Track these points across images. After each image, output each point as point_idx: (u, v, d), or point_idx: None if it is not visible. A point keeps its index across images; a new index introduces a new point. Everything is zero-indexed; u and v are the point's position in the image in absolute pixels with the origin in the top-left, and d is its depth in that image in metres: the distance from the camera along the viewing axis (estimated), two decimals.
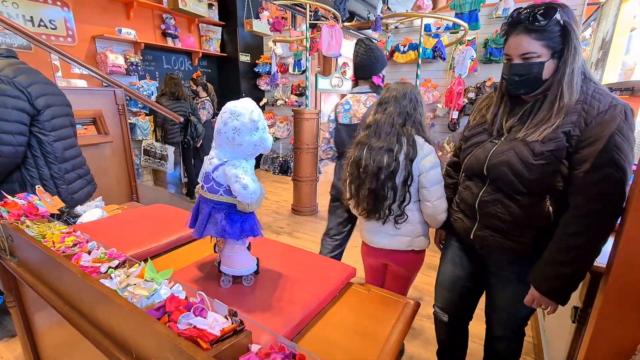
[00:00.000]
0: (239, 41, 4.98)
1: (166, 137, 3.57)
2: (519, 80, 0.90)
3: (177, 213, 1.25)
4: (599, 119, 0.82)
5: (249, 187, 0.67)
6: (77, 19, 3.46)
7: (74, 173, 1.56)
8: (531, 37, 0.85)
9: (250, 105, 0.69)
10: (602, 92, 0.85)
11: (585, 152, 0.83)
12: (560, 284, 0.88)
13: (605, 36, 3.41)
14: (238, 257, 0.75)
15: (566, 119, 0.86)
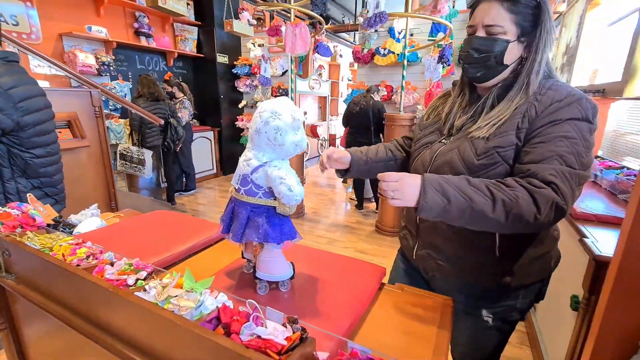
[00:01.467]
0: (216, 42, 4.86)
1: (144, 140, 3.39)
2: (478, 58, 0.77)
3: (181, 219, 1.18)
4: (552, 108, 0.71)
5: (295, 189, 0.64)
6: (42, 15, 3.21)
7: (41, 191, 1.47)
8: (503, 6, 0.74)
9: (291, 104, 0.66)
10: (561, 84, 0.75)
11: (531, 144, 0.71)
12: (430, 207, 0.66)
13: (569, 42, 3.68)
14: (276, 262, 0.72)
15: (516, 110, 0.75)
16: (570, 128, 0.68)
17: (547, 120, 0.70)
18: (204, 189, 4.62)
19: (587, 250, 1.11)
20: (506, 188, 0.66)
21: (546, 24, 0.75)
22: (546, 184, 0.65)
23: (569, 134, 0.68)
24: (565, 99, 0.71)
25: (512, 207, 0.64)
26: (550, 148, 0.68)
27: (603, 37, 2.72)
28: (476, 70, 0.80)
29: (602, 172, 1.76)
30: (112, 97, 2.68)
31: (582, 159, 0.67)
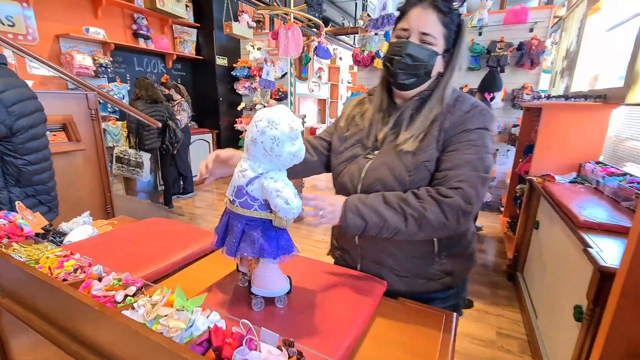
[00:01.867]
0: (216, 44, 4.83)
1: (141, 143, 3.36)
2: (412, 65, 0.77)
3: (176, 227, 1.15)
4: (461, 119, 0.77)
5: (292, 202, 0.61)
6: (39, 16, 3.18)
7: (35, 199, 1.43)
8: (438, 17, 0.76)
9: (289, 113, 0.63)
10: (464, 95, 0.83)
11: (446, 153, 0.77)
12: (351, 228, 0.75)
13: (569, 47, 3.67)
14: (272, 277, 0.68)
15: (433, 123, 0.80)
16: (476, 136, 0.77)
17: (457, 130, 0.78)
18: (202, 192, 4.59)
19: (591, 261, 1.08)
20: (416, 203, 0.73)
21: (463, 44, 0.81)
22: (456, 189, 0.73)
23: (476, 142, 0.76)
24: (471, 110, 0.78)
25: (422, 219, 0.72)
26: (461, 155, 0.76)
27: (604, 42, 2.71)
28: (407, 77, 0.80)
29: (604, 178, 1.74)
30: (108, 99, 2.65)
31: (485, 163, 0.76)
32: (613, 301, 0.94)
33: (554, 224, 1.76)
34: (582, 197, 1.68)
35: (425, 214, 0.72)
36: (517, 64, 3.56)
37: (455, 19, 0.78)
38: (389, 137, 0.84)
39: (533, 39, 3.42)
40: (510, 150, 3.76)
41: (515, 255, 2.40)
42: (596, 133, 2.12)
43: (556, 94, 4.01)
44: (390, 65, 0.80)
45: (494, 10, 3.79)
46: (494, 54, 3.56)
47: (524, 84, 3.61)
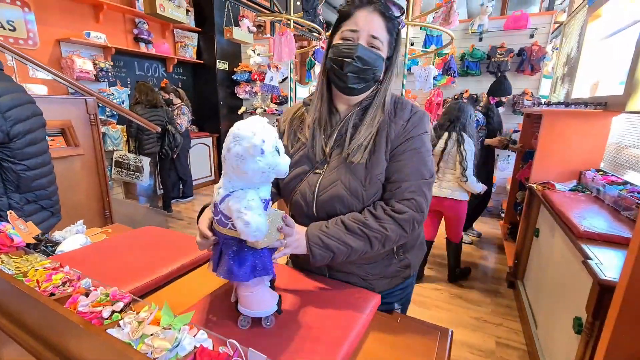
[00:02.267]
0: (217, 48, 4.85)
1: (141, 147, 3.36)
2: (363, 69, 0.76)
3: (171, 236, 1.14)
4: (404, 127, 0.80)
5: (251, 224, 0.56)
6: (40, 20, 3.20)
7: (37, 204, 1.42)
8: (383, 22, 0.77)
9: (253, 127, 0.57)
10: (402, 100, 0.85)
11: (394, 161, 0.80)
12: (320, 261, 0.75)
13: (569, 53, 3.66)
14: (256, 297, 0.66)
15: (379, 132, 0.80)
16: (419, 143, 0.80)
17: (402, 139, 0.80)
18: (201, 196, 4.58)
19: (591, 273, 1.06)
20: (376, 224, 0.76)
21: (400, 52, 0.84)
22: (409, 200, 0.77)
23: (419, 149, 0.80)
24: (411, 117, 0.81)
25: (385, 239, 0.76)
26: (408, 164, 0.79)
27: (604, 48, 2.70)
28: (357, 82, 0.78)
29: (605, 187, 1.72)
30: (107, 104, 2.65)
31: (428, 166, 0.81)
32: (612, 315, 0.92)
33: (554, 233, 1.74)
34: (583, 206, 1.66)
35: (387, 234, 0.76)
36: (517, 70, 3.55)
37: (396, 26, 0.79)
38: (336, 149, 0.83)
39: (533, 45, 3.42)
40: (510, 156, 3.75)
41: (515, 262, 2.38)
42: (597, 140, 2.10)
43: (557, 99, 4.00)
44: (339, 68, 0.77)
45: (494, 16, 3.80)
46: (495, 60, 3.55)
47: (525, 90, 3.60)
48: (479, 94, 3.81)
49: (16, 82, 1.35)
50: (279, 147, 0.60)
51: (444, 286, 2.43)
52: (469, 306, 2.21)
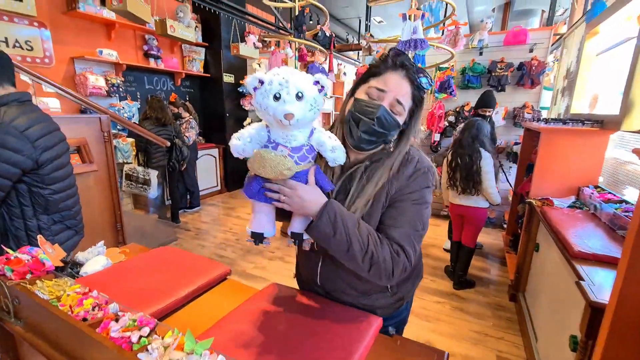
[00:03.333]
0: (223, 62, 4.98)
1: (149, 161, 3.46)
2: (378, 132, 0.78)
3: (184, 257, 1.21)
4: (406, 183, 0.82)
5: (230, 143, 0.81)
6: (56, 40, 3.34)
7: (62, 224, 1.50)
8: (410, 88, 0.79)
9: (277, 70, 0.72)
10: (408, 157, 0.84)
11: (391, 208, 0.82)
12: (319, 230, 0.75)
13: (569, 66, 3.73)
14: (254, 218, 0.83)
15: (381, 190, 0.83)
16: (418, 196, 0.82)
17: (401, 193, 0.82)
18: (208, 206, 4.67)
19: (583, 295, 1.11)
20: (379, 247, 0.77)
21: (419, 119, 0.85)
22: (401, 247, 0.78)
23: (417, 201, 0.82)
24: (414, 173, 0.83)
25: (376, 264, 0.76)
26: (403, 214, 0.81)
27: (602, 63, 2.76)
28: (368, 143, 0.80)
29: (601, 205, 1.77)
30: (120, 121, 2.76)
31: (423, 219, 0.83)
32: (603, 336, 0.97)
33: (551, 249, 1.79)
34: (579, 224, 1.71)
35: (379, 261, 0.76)
36: (517, 84, 3.62)
37: (421, 95, 0.82)
38: (338, 195, 0.86)
39: (533, 59, 3.48)
40: (512, 167, 3.79)
41: (516, 275, 2.42)
42: (594, 157, 2.15)
43: (557, 112, 4.05)
44: (355, 124, 0.79)
45: (494, 32, 3.88)
46: (495, 74, 3.63)
47: (525, 103, 3.66)
48: None
49: (42, 111, 1.44)
50: (285, 95, 0.69)
51: (445, 299, 2.47)
52: (470, 319, 2.25)
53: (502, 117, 3.68)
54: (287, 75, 0.70)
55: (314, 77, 0.72)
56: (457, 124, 3.98)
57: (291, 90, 0.69)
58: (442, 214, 4.28)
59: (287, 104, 0.69)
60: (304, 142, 0.76)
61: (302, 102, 0.70)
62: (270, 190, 0.78)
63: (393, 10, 7.33)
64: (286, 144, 0.75)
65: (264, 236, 0.82)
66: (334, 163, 0.82)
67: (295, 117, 0.69)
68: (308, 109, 0.71)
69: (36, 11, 3.11)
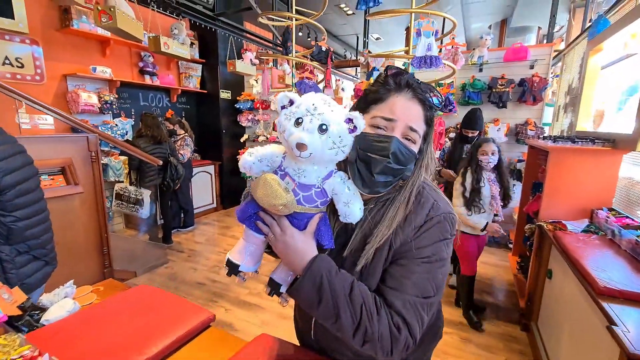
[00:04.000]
0: (220, 78, 4.93)
1: (142, 179, 3.34)
2: (394, 170, 0.63)
3: (163, 299, 1.07)
4: (413, 235, 0.67)
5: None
6: (48, 57, 3.27)
7: (29, 255, 1.36)
8: (422, 110, 0.67)
9: (310, 95, 0.64)
10: (424, 195, 0.69)
11: (393, 266, 0.67)
12: (301, 295, 0.65)
13: (571, 82, 3.68)
14: (238, 245, 0.73)
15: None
16: (430, 252, 0.66)
17: (408, 247, 0.67)
18: (202, 225, 4.52)
19: (618, 343, 0.98)
20: (375, 321, 0.61)
21: (432, 143, 0.72)
22: (403, 320, 0.62)
23: (428, 259, 0.66)
24: (425, 223, 0.67)
25: (370, 340, 0.61)
26: (409, 275, 0.65)
27: (607, 79, 2.69)
28: (385, 185, 0.65)
29: (620, 231, 1.65)
30: (110, 140, 2.65)
31: (436, 281, 0.66)
32: None
33: (567, 278, 1.65)
34: (598, 252, 1.59)
35: (374, 337, 0.61)
36: (519, 100, 3.56)
37: (433, 116, 0.69)
38: (337, 239, 0.72)
39: (534, 76, 3.43)
40: (516, 185, 3.68)
41: (528, 304, 2.27)
42: (607, 178, 2.04)
43: (560, 128, 3.98)
44: (365, 165, 0.64)
45: (494, 48, 3.85)
46: (496, 90, 3.57)
47: (527, 120, 3.59)
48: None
49: (7, 133, 1.33)
50: (307, 123, 0.60)
51: (453, 329, 2.31)
52: (480, 352, 2.08)
53: (504, 134, 3.60)
54: (319, 103, 0.61)
55: (349, 114, 0.62)
56: None
57: (315, 119, 0.60)
58: None
59: (305, 132, 0.59)
60: (315, 182, 0.65)
61: (324, 136, 0.60)
62: (263, 221, 0.67)
63: (391, 28, 7.40)
64: (294, 178, 0.65)
65: (239, 269, 0.70)
66: (345, 219, 0.67)
67: (308, 150, 0.59)
68: (328, 146, 0.61)
69: (28, 29, 3.05)
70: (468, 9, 6.23)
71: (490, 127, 3.64)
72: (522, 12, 6.04)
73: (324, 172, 0.66)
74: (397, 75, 0.67)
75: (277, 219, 0.65)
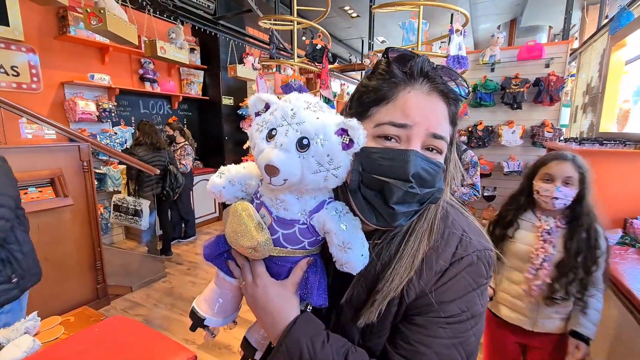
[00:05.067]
0: (222, 84, 4.84)
1: (141, 189, 3.22)
2: (421, 196, 0.45)
3: (138, 333, 0.92)
4: (434, 285, 0.48)
5: None
6: (45, 64, 3.19)
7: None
8: (446, 108, 0.48)
9: (289, 97, 0.48)
10: (450, 227, 0.51)
11: (406, 326, 0.49)
12: None
13: (589, 81, 3.48)
14: None
15: None
16: (458, 308, 0.48)
17: (427, 301, 0.48)
18: (204, 235, 4.38)
19: None
20: None
21: (454, 146, 0.52)
22: None
23: (456, 317, 0.48)
24: (452, 266, 0.48)
25: None
26: (429, 343, 0.47)
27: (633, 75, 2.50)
28: (408, 216, 0.46)
29: None
30: (104, 150, 2.54)
31: (466, 347, 0.48)
32: None
33: (607, 299, 1.46)
34: (638, 267, 1.40)
35: None
36: (535, 101, 3.36)
37: (457, 111, 0.50)
38: (334, 284, 0.55)
39: (550, 74, 3.24)
40: None
41: None
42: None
43: (578, 130, 3.77)
44: (376, 196, 0.45)
45: (506, 47, 3.67)
46: (509, 91, 3.38)
47: (544, 121, 3.39)
48: (494, 125, 3.62)
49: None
50: (281, 136, 0.43)
51: None
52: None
53: (519, 136, 3.41)
54: (299, 107, 0.44)
55: (343, 123, 0.44)
56: (470, 144, 3.71)
57: (292, 130, 0.42)
58: None
59: (276, 149, 0.42)
60: (299, 217, 0.48)
61: (305, 154, 0.43)
62: (234, 262, 0.52)
63: (396, 30, 7.26)
64: (272, 210, 0.48)
65: (204, 323, 0.55)
66: (341, 268, 0.48)
67: (280, 176, 0.42)
68: (312, 170, 0.43)
69: (24, 36, 2.98)
70: (476, 8, 6.07)
71: (505, 129, 3.45)
72: (532, 11, 5.85)
73: (312, 204, 0.48)
74: (406, 60, 0.47)
75: (251, 262, 0.50)
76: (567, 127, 4.14)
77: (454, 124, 0.50)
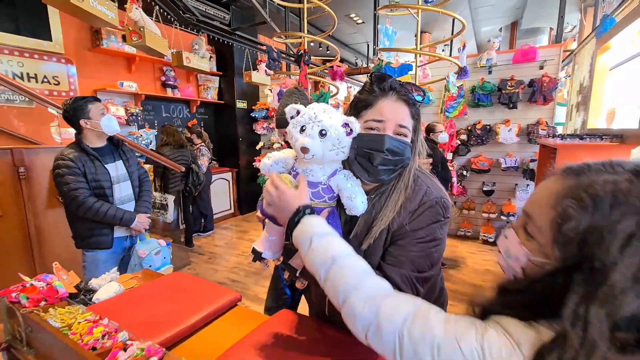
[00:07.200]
0: (236, 89, 5.16)
1: (167, 186, 3.55)
2: (393, 160, 0.73)
3: (193, 283, 1.21)
4: (409, 219, 0.75)
5: None
6: (81, 74, 3.55)
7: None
8: (407, 108, 0.75)
9: (315, 105, 0.75)
10: (419, 183, 0.78)
11: (392, 247, 0.76)
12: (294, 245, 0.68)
13: (582, 82, 3.69)
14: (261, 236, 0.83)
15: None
16: (424, 233, 0.75)
17: (404, 230, 0.75)
18: (221, 230, 4.69)
19: None
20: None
21: (420, 132, 0.80)
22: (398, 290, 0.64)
23: (423, 239, 0.75)
24: (419, 208, 0.76)
25: None
26: (405, 253, 0.74)
27: (617, 77, 2.72)
28: (388, 173, 0.74)
29: None
30: (137, 148, 2.86)
31: (431, 259, 0.75)
32: None
33: None
34: None
35: None
36: (529, 101, 3.59)
37: (418, 110, 0.79)
38: (345, 228, 0.81)
39: (544, 76, 3.46)
40: (530, 185, 3.69)
41: None
42: None
43: (573, 127, 3.97)
44: (368, 161, 0.73)
45: (502, 50, 3.90)
46: (505, 92, 3.61)
47: (539, 119, 3.61)
48: (492, 124, 3.85)
49: None
50: (309, 129, 0.72)
51: None
52: None
53: (515, 134, 3.63)
54: (319, 112, 0.73)
55: (346, 119, 0.73)
56: (470, 142, 3.95)
57: (316, 125, 0.72)
58: (459, 234, 4.15)
59: (307, 138, 0.71)
60: (321, 180, 0.76)
61: (324, 140, 0.72)
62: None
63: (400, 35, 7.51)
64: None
65: (262, 256, 0.82)
66: (350, 212, 0.77)
67: (310, 153, 0.71)
68: (329, 148, 0.72)
69: (64, 49, 3.34)
70: (477, 12, 6.29)
71: (502, 127, 3.68)
72: (532, 13, 6.05)
73: (329, 171, 0.77)
74: (381, 81, 0.76)
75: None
76: (563, 125, 4.34)
77: (416, 119, 0.79)
